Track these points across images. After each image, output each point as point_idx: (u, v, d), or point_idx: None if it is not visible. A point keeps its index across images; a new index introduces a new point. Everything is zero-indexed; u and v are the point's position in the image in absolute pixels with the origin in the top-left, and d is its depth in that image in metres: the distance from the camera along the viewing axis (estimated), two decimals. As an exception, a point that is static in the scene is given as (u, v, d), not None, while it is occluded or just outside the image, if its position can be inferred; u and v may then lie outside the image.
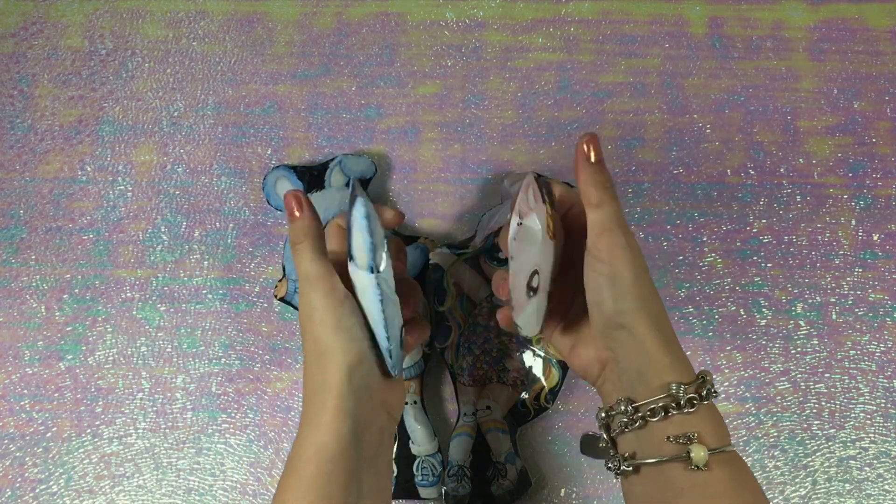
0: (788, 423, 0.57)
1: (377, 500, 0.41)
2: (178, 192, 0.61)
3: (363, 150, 0.62)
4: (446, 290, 0.54)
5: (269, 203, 0.57)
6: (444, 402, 0.58)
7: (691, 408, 0.37)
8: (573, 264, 0.43)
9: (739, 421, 0.57)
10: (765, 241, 0.61)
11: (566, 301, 0.46)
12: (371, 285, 0.40)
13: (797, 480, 0.56)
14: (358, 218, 0.41)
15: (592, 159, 0.40)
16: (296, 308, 0.54)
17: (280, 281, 0.56)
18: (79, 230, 0.61)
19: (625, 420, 0.39)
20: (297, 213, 0.42)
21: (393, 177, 0.62)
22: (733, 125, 0.62)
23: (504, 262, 0.53)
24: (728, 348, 0.59)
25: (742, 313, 0.59)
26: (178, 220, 0.61)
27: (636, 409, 0.39)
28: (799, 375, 0.58)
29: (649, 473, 0.38)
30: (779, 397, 0.58)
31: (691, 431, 0.37)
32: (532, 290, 0.41)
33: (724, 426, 0.39)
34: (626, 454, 0.39)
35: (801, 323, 0.59)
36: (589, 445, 0.42)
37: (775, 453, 0.57)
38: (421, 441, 0.54)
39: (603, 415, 0.40)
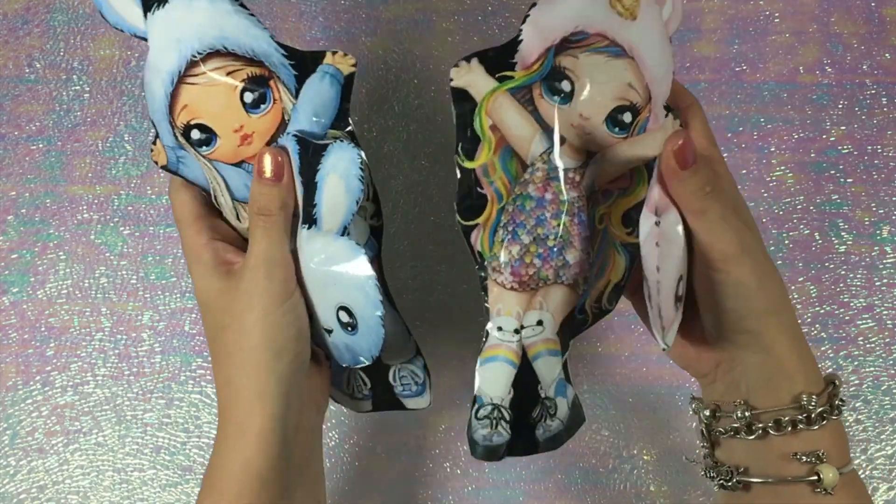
0: (872, 368, 0.55)
1: None
2: (144, 94, 0.57)
3: (363, 41, 0.57)
4: (479, 137, 0.39)
5: (102, 15, 0.40)
6: (460, 294, 0.54)
7: (822, 421, 0.37)
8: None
9: (814, 366, 0.55)
10: (844, 151, 0.57)
11: None
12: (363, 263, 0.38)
13: (883, 437, 0.54)
14: (340, 167, 0.37)
15: (683, 168, 0.38)
16: (183, 178, 0.41)
17: (154, 144, 0.42)
18: (26, 139, 0.58)
19: (737, 426, 0.39)
20: (273, 179, 0.38)
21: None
22: (807, 13, 0.59)
23: (569, 99, 0.40)
24: (800, 279, 0.56)
25: (817, 237, 0.57)
26: (145, 126, 0.57)
27: (756, 418, 0.38)
28: (885, 312, 0.55)
29: (762, 493, 0.38)
30: (861, 338, 0.55)
31: (819, 449, 0.37)
32: (679, 299, 0.38)
33: (847, 443, 0.39)
34: (739, 468, 0.39)
35: (888, 249, 0.56)
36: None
37: (857, 405, 0.54)
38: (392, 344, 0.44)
39: (707, 412, 0.40)
